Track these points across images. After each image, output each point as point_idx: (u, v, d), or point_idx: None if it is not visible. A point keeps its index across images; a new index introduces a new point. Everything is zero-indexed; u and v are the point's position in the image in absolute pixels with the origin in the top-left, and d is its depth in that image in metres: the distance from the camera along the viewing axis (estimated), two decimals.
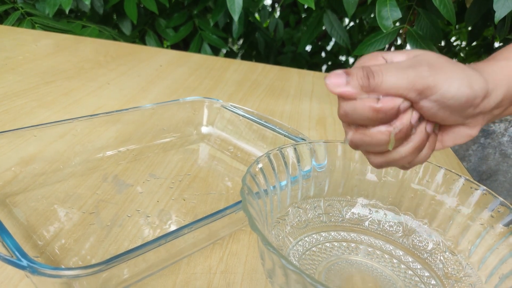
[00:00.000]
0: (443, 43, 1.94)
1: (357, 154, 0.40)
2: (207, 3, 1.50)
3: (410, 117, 0.26)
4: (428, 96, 0.25)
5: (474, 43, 2.01)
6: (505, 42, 1.49)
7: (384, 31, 0.98)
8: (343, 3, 1.17)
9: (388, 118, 0.26)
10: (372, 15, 1.83)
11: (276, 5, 2.08)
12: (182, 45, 1.59)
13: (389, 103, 0.25)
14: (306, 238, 0.37)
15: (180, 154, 0.53)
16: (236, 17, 1.26)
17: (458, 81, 0.26)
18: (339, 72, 0.25)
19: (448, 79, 0.26)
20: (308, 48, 2.01)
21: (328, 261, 0.35)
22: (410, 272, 0.35)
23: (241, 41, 1.98)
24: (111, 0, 1.40)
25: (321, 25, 1.45)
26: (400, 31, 1.06)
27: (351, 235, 0.39)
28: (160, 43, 1.57)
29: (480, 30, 1.50)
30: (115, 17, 1.60)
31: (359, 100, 0.25)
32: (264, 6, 1.67)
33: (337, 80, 0.25)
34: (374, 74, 0.25)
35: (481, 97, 0.27)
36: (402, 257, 0.37)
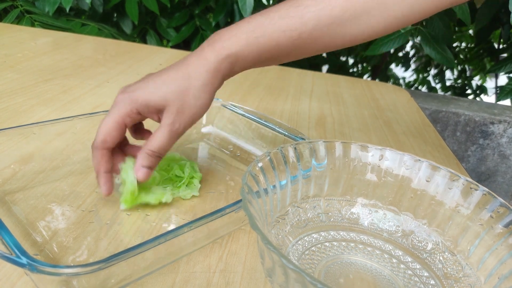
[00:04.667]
0: None
1: (357, 154, 0.40)
2: (208, 2, 1.50)
3: None
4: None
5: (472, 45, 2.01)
6: (509, 45, 1.49)
7: (402, 31, 0.99)
8: None
9: None
10: None
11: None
12: (183, 45, 1.59)
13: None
14: (305, 238, 0.37)
15: (180, 153, 0.53)
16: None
17: (201, 105, 0.38)
18: (145, 169, 0.38)
19: (194, 113, 0.38)
20: None
21: (328, 261, 0.35)
22: (409, 272, 0.35)
23: None
24: (113, 0, 1.40)
25: None
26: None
27: (351, 234, 0.39)
28: (160, 42, 1.57)
29: (488, 32, 1.50)
30: (115, 15, 1.60)
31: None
32: (265, 6, 1.67)
33: (149, 174, 0.39)
34: (159, 152, 0.38)
35: (219, 85, 0.40)
36: (402, 257, 0.37)
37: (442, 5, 0.38)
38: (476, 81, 2.49)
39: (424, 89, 2.61)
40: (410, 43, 2.38)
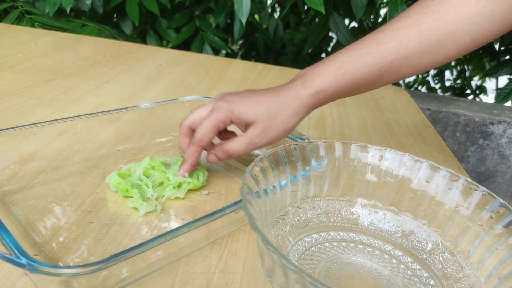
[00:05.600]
0: None
1: (357, 154, 0.40)
2: (208, 4, 1.50)
3: None
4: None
5: None
6: (508, 48, 1.50)
7: None
8: (351, 6, 1.18)
9: None
10: (372, 17, 1.83)
11: (276, 6, 2.07)
12: (183, 46, 1.59)
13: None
14: (305, 238, 0.37)
15: (179, 154, 0.53)
16: (244, 20, 1.27)
17: (283, 129, 0.43)
18: (215, 158, 0.45)
19: (275, 136, 0.43)
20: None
21: (327, 261, 0.35)
22: (409, 272, 0.35)
23: (240, 42, 1.98)
24: (113, 0, 1.40)
25: (326, 27, 1.45)
26: None
27: (350, 235, 0.39)
28: (160, 43, 1.57)
29: None
30: (115, 16, 1.60)
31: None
32: (265, 7, 1.67)
33: (215, 161, 0.45)
34: (230, 154, 0.43)
35: (303, 118, 0.45)
36: (401, 258, 0.37)
37: (505, 28, 0.41)
38: (475, 81, 2.49)
39: (423, 89, 2.61)
40: None
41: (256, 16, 1.79)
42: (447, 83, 2.49)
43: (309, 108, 0.44)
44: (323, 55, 2.00)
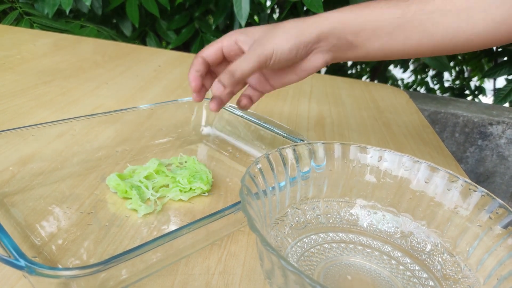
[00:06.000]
0: None
1: (356, 155, 0.40)
2: (208, 5, 1.50)
3: None
4: (270, 62, 0.41)
5: None
6: (506, 49, 1.50)
7: None
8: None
9: None
10: None
11: (276, 7, 2.08)
12: (183, 48, 1.59)
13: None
14: (304, 239, 0.37)
15: (179, 155, 0.53)
16: (243, 22, 1.27)
17: (287, 37, 0.41)
18: (219, 85, 0.41)
19: (279, 42, 0.40)
20: None
21: (327, 262, 0.35)
22: (408, 273, 0.35)
23: None
24: (113, 2, 1.40)
25: None
26: None
27: (350, 236, 0.39)
28: (160, 44, 1.57)
29: None
30: (114, 18, 1.60)
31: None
32: (264, 9, 1.67)
33: (220, 89, 0.41)
34: (234, 72, 0.40)
35: (313, 42, 0.41)
36: (401, 258, 0.37)
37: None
38: (474, 81, 2.49)
39: (422, 90, 2.62)
40: None
41: (256, 17, 1.79)
42: (446, 84, 2.49)
43: (311, 34, 0.41)
44: None
